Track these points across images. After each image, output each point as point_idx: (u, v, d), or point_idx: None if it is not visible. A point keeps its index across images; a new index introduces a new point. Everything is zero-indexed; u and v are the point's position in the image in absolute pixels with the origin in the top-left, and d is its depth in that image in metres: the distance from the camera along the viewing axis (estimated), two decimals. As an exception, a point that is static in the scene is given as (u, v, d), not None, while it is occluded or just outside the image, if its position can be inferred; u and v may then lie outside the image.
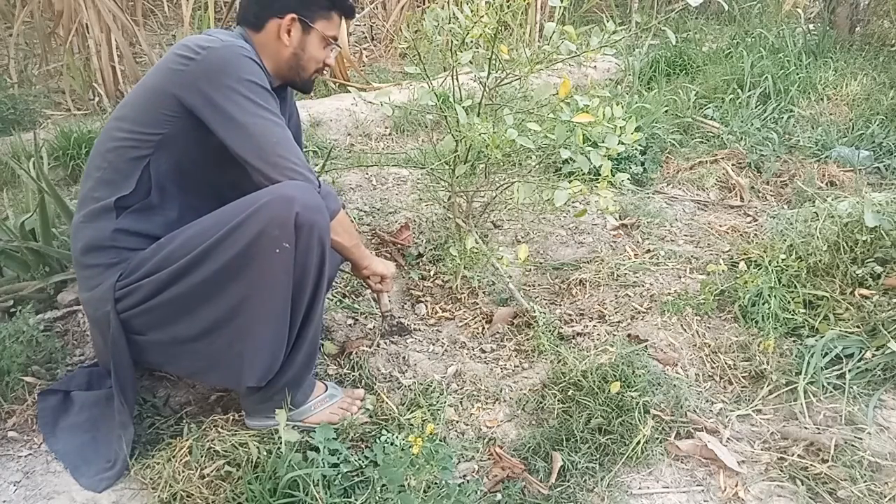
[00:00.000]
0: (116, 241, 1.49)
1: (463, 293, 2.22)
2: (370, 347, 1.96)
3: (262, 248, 1.39)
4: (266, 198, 1.40)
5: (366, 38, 5.20)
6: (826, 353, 1.83)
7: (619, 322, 2.05)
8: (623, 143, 1.80)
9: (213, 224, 1.42)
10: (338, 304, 2.15)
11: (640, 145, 3.07)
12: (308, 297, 1.50)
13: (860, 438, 1.61)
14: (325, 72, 1.71)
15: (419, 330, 2.09)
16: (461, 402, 1.78)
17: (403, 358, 1.93)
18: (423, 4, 5.06)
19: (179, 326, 1.48)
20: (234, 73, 1.44)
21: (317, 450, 1.50)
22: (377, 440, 1.58)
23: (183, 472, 1.48)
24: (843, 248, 2.05)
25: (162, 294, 1.45)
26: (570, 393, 1.72)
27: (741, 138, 3.30)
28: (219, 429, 1.61)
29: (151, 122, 1.47)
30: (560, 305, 2.19)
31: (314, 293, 1.51)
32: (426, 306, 2.20)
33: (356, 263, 1.76)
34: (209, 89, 1.43)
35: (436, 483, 1.45)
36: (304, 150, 1.97)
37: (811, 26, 4.83)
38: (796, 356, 1.86)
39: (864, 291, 1.97)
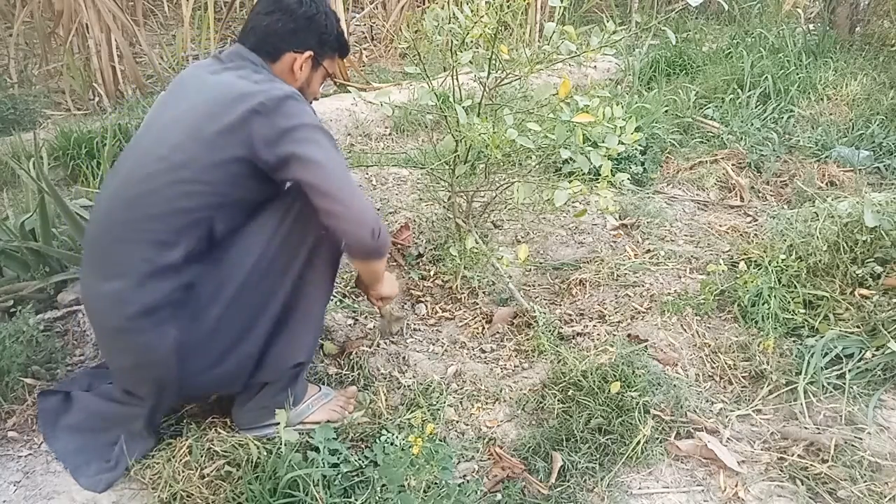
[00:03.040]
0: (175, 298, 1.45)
1: (463, 293, 2.22)
2: (370, 347, 1.96)
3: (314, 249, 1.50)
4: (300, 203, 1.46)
5: (366, 38, 5.20)
6: (826, 353, 1.83)
7: (619, 322, 2.05)
8: (623, 143, 1.80)
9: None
10: (338, 304, 2.15)
11: (640, 145, 3.07)
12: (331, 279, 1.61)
13: (860, 438, 1.61)
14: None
15: (419, 330, 2.09)
16: (461, 402, 1.78)
17: (403, 358, 1.93)
18: (423, 4, 5.06)
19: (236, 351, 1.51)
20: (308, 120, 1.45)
21: (317, 450, 1.50)
22: (377, 440, 1.58)
23: (183, 472, 1.48)
24: (843, 248, 2.05)
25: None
26: (570, 393, 1.72)
27: (741, 138, 3.30)
28: (219, 429, 1.61)
29: (220, 181, 1.42)
30: (560, 305, 2.19)
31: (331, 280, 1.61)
32: (426, 306, 2.20)
33: (368, 287, 1.76)
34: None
35: (436, 483, 1.45)
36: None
37: (811, 26, 4.83)
38: (796, 356, 1.86)
39: (864, 291, 1.97)
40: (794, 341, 1.93)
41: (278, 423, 1.47)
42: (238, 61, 1.52)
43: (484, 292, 2.24)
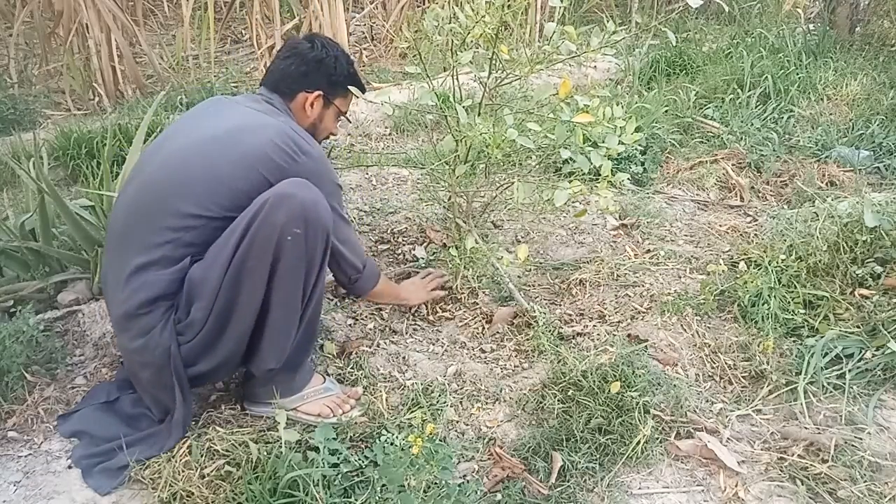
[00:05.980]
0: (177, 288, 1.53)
1: (463, 293, 2.22)
2: (370, 347, 1.96)
3: (280, 244, 1.46)
4: (268, 198, 1.45)
5: (366, 38, 5.19)
6: (826, 353, 1.83)
7: (619, 322, 2.05)
8: (623, 143, 1.80)
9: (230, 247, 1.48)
10: (338, 304, 2.15)
11: (640, 145, 3.07)
12: (313, 278, 1.57)
13: (860, 438, 1.61)
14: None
15: (419, 330, 2.09)
16: (461, 402, 1.78)
17: (403, 358, 1.93)
18: (423, 4, 5.06)
19: (222, 344, 1.55)
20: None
21: (317, 450, 1.51)
22: (377, 440, 1.58)
23: (183, 471, 1.48)
24: (843, 248, 2.05)
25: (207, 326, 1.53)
26: (570, 393, 1.72)
27: (741, 138, 3.30)
28: (218, 428, 1.62)
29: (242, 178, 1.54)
30: (560, 305, 2.19)
31: (318, 274, 1.58)
32: (426, 306, 2.20)
33: (402, 305, 2.12)
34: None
35: (436, 483, 1.45)
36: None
37: (811, 26, 4.83)
38: (796, 356, 1.86)
39: (864, 291, 1.98)
40: (794, 341, 1.93)
41: (274, 403, 1.61)
42: (263, 99, 1.74)
43: (484, 292, 2.24)
